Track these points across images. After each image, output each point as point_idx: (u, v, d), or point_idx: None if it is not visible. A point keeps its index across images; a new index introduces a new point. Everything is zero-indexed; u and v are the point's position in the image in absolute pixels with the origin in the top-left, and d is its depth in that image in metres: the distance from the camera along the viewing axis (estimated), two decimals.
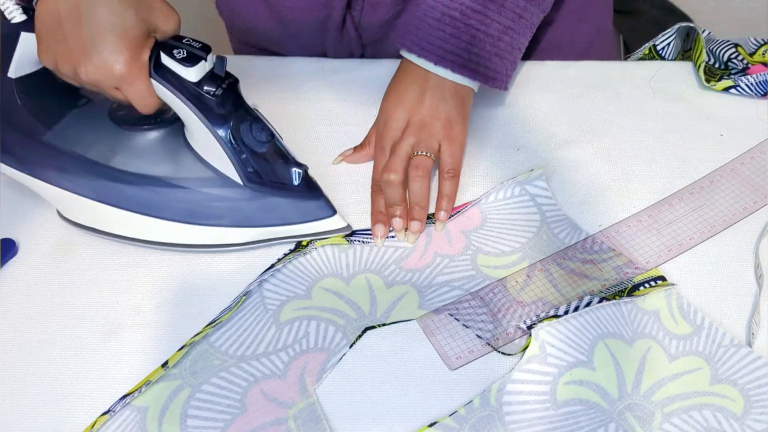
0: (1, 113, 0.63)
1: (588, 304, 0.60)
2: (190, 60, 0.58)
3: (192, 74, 0.58)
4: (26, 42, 0.60)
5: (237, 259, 0.66)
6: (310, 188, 0.64)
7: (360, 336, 0.60)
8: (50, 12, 0.56)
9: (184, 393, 0.57)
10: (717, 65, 0.82)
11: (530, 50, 0.85)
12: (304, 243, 0.66)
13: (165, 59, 0.58)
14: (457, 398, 0.56)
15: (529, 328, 0.59)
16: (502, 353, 0.59)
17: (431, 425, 0.55)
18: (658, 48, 0.83)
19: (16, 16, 0.59)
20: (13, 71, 0.62)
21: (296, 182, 0.63)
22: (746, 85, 0.77)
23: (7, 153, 0.64)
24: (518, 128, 0.76)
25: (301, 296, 0.63)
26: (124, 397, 0.57)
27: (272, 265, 0.65)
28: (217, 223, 0.64)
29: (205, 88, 0.59)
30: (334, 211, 0.65)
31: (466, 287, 0.63)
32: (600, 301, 0.60)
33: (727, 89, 0.78)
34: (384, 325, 0.61)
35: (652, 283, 0.62)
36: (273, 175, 0.63)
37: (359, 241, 0.67)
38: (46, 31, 0.57)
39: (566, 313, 0.60)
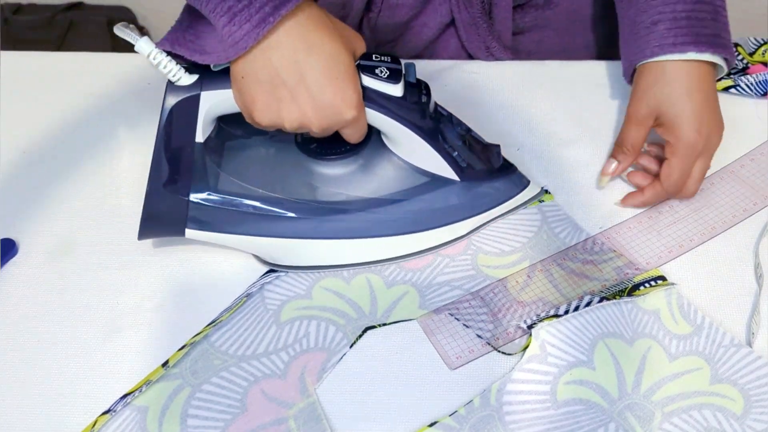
0: (198, 179, 0.61)
1: (588, 304, 0.60)
2: (394, 77, 0.57)
3: (398, 90, 0.57)
4: (207, 102, 0.58)
5: (237, 258, 0.66)
6: (506, 164, 0.66)
7: (360, 336, 0.60)
8: (263, 69, 0.54)
9: (185, 393, 0.57)
10: None
11: (531, 51, 0.85)
12: None
13: (368, 81, 0.57)
14: (457, 398, 0.56)
15: (530, 327, 0.59)
16: (503, 353, 0.59)
17: (431, 425, 0.55)
18: None
19: (182, 77, 0.57)
20: (201, 135, 0.59)
21: (500, 163, 0.65)
22: (746, 84, 0.77)
23: (210, 220, 0.62)
24: (518, 128, 0.76)
25: (302, 296, 0.63)
26: (125, 396, 0.57)
27: (274, 270, 0.65)
28: (439, 224, 0.64)
29: (410, 99, 0.58)
30: (528, 180, 0.67)
31: (466, 287, 0.63)
32: (600, 301, 0.60)
33: (727, 89, 0.78)
34: (384, 324, 0.61)
35: (653, 283, 0.62)
36: (480, 162, 0.64)
37: None
38: (263, 91, 0.54)
39: (566, 312, 0.60)
